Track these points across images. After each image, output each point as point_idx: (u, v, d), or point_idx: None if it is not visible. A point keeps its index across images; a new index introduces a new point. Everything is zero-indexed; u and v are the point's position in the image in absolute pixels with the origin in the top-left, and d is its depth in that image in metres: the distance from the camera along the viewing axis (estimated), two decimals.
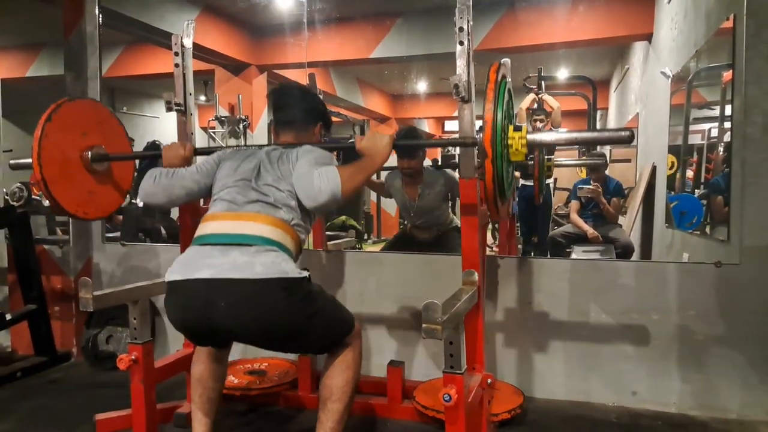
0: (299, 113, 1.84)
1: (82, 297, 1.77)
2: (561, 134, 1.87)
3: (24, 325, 2.86)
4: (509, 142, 1.60)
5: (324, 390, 1.64)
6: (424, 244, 3.10)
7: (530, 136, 1.61)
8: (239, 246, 1.52)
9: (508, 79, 1.76)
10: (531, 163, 3.10)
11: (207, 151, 1.94)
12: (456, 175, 3.04)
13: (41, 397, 2.49)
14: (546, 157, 3.09)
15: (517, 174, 3.73)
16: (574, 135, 1.75)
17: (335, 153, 1.90)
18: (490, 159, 1.56)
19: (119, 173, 2.21)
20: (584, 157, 4.71)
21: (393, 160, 3.09)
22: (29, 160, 1.92)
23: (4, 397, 2.49)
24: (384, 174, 3.20)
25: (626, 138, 1.58)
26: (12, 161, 2.18)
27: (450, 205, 3.16)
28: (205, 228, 1.63)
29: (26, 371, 2.74)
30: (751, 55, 2.13)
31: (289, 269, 1.52)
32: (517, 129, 1.62)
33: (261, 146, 1.80)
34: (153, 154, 2.01)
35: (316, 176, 1.56)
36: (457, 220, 3.19)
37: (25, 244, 2.86)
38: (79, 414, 2.23)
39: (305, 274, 1.56)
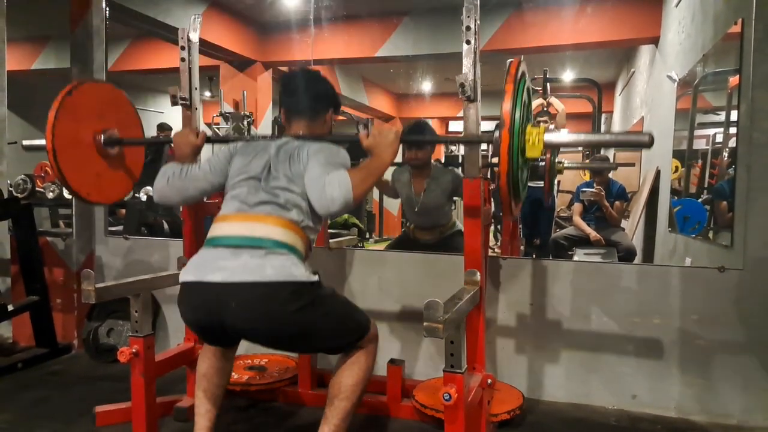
0: (310, 101, 1.82)
1: (85, 289, 1.78)
2: (579, 136, 1.82)
3: (26, 316, 2.86)
4: (527, 137, 1.57)
5: (333, 387, 1.64)
6: (425, 246, 3.09)
7: (548, 136, 1.58)
8: (250, 248, 1.54)
9: (527, 77, 1.74)
10: (542, 164, 3.09)
11: (219, 140, 1.90)
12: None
13: (42, 389, 2.49)
14: (557, 161, 3.09)
15: None
16: (593, 137, 1.70)
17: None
18: (506, 154, 1.53)
19: (130, 160, 2.20)
20: (587, 161, 4.70)
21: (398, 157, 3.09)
22: (42, 142, 1.91)
23: (5, 388, 2.50)
24: (390, 172, 3.20)
25: (647, 142, 1.52)
26: (25, 142, 2.18)
27: (453, 207, 3.15)
28: (217, 229, 1.64)
29: (27, 362, 2.75)
30: (759, 60, 2.13)
31: (299, 273, 1.53)
32: (535, 126, 1.61)
33: (272, 138, 1.79)
34: (164, 141, 2.00)
35: (328, 183, 1.54)
36: (459, 224, 3.18)
37: (29, 236, 2.87)
38: (79, 406, 2.24)
39: (315, 278, 1.56)
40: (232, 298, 1.50)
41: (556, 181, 4.37)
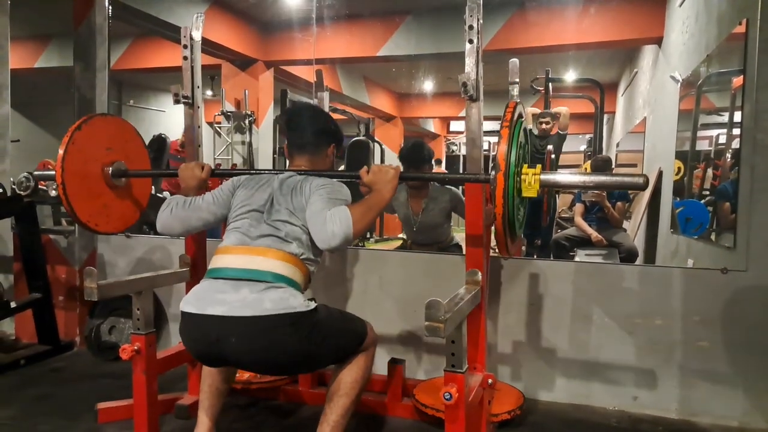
0: (312, 137, 1.86)
1: (87, 286, 1.78)
2: (574, 177, 1.89)
3: (28, 313, 2.87)
4: (523, 177, 1.61)
5: (332, 385, 1.68)
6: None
7: (543, 176, 1.61)
8: (250, 282, 1.57)
9: (524, 118, 1.76)
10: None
11: (224, 174, 1.97)
12: (460, 193, 3.00)
13: (44, 386, 2.50)
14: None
15: None
16: (589, 178, 1.76)
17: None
18: (501, 198, 1.55)
19: (137, 191, 2.26)
20: (588, 162, 4.70)
21: None
22: (53, 173, 1.98)
23: (8, 384, 2.50)
24: None
25: (641, 185, 1.58)
26: (37, 172, 2.26)
27: (450, 224, 3.14)
28: (218, 261, 1.67)
29: (29, 359, 2.76)
30: (763, 61, 2.12)
31: (297, 304, 1.55)
32: (531, 167, 1.63)
33: (276, 172, 1.82)
34: (171, 174, 2.04)
35: (329, 219, 1.56)
36: (457, 239, 3.15)
37: (31, 234, 2.88)
38: (81, 403, 2.24)
39: (312, 305, 1.59)
40: (232, 332, 1.53)
41: None
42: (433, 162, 3.03)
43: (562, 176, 1.70)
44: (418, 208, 2.93)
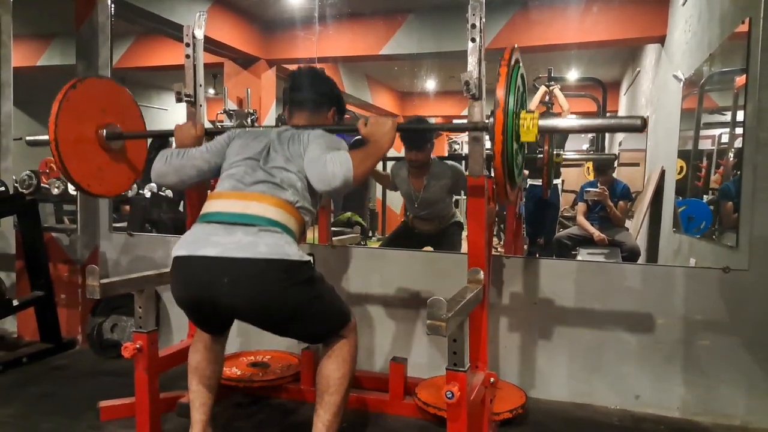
0: (313, 96, 1.86)
1: (89, 284, 1.79)
2: (572, 120, 1.88)
3: (30, 311, 2.88)
4: (521, 122, 1.60)
5: (321, 382, 1.66)
6: (424, 236, 3.08)
7: (542, 121, 1.61)
8: (244, 225, 1.55)
9: (521, 65, 1.76)
10: (540, 156, 3.09)
11: (218, 132, 1.94)
12: (463, 168, 3.02)
13: (46, 384, 2.50)
14: (555, 152, 3.08)
15: (526, 172, 3.71)
16: (586, 122, 1.76)
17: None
18: (500, 141, 1.55)
19: (132, 154, 2.22)
20: (590, 163, 4.69)
21: (395, 151, 3.08)
22: (46, 137, 1.94)
23: (10, 382, 2.51)
24: (390, 165, 3.20)
25: (639, 126, 1.58)
26: (29, 138, 2.21)
27: (453, 199, 3.15)
28: (211, 206, 1.65)
29: (32, 357, 2.77)
30: (766, 60, 2.11)
31: (292, 252, 1.54)
32: (529, 112, 1.63)
33: (272, 127, 1.81)
34: (165, 133, 2.03)
35: (329, 160, 1.57)
36: (459, 215, 3.17)
37: (34, 232, 2.88)
38: (83, 401, 2.25)
39: (307, 258, 1.58)
40: (225, 273, 1.50)
41: (560, 181, 4.37)
42: (434, 141, 3.02)
43: (560, 121, 1.70)
44: (419, 185, 2.95)
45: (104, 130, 2.07)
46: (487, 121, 1.64)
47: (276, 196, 1.61)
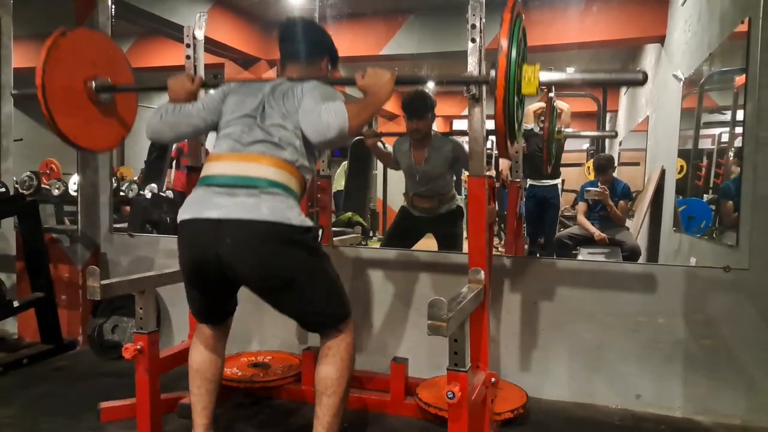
0: (306, 46, 1.81)
1: (90, 285, 1.79)
2: (574, 74, 1.88)
3: (31, 312, 2.88)
4: (523, 73, 1.60)
5: (319, 384, 1.65)
6: (424, 220, 3.04)
7: (543, 74, 1.61)
8: (245, 188, 1.55)
9: (523, 18, 1.76)
10: (540, 133, 3.09)
11: (214, 84, 1.89)
12: (465, 143, 3.00)
13: (46, 385, 2.50)
14: (556, 128, 3.08)
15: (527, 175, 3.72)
16: (587, 75, 1.78)
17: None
18: (503, 87, 1.55)
19: (122, 110, 2.18)
20: (591, 161, 4.68)
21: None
22: (34, 91, 1.90)
23: (10, 383, 2.51)
24: (391, 146, 3.19)
25: (640, 80, 1.57)
26: (14, 91, 2.18)
27: (454, 178, 3.13)
28: (210, 169, 1.64)
29: (32, 358, 2.77)
30: (766, 59, 2.11)
31: (293, 216, 1.54)
32: (531, 65, 1.62)
33: (266, 80, 1.78)
34: (158, 88, 1.97)
35: (324, 111, 1.55)
36: (460, 201, 3.14)
37: (34, 233, 2.88)
38: (84, 402, 2.24)
39: (309, 224, 1.58)
40: (228, 234, 1.51)
41: (560, 180, 4.37)
42: (435, 112, 3.00)
43: (561, 74, 1.71)
44: (420, 157, 2.94)
45: (93, 83, 2.03)
46: (489, 76, 1.63)
47: (275, 156, 1.59)
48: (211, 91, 1.83)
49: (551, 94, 3.32)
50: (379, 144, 3.19)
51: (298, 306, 1.66)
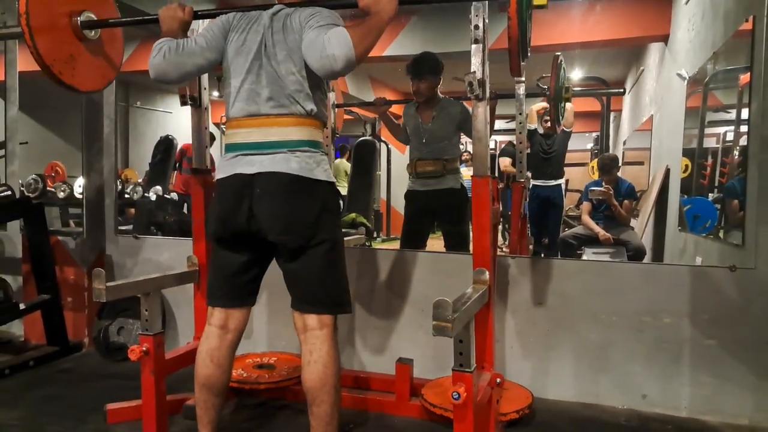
0: None
1: (96, 288, 1.79)
2: None
3: (37, 314, 2.89)
4: None
5: (306, 394, 1.63)
6: (428, 195, 2.97)
7: None
8: (274, 150, 1.62)
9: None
10: (547, 93, 3.07)
11: (208, 15, 1.85)
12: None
13: (53, 386, 2.52)
14: (564, 86, 3.06)
15: (529, 174, 3.70)
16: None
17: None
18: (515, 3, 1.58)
19: (109, 50, 2.14)
20: (596, 161, 4.67)
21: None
22: (19, 29, 1.84)
23: (17, 385, 2.52)
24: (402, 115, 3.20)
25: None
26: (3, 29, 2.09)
27: (458, 141, 3.11)
28: (234, 137, 1.69)
29: (38, 360, 2.78)
30: None
31: (319, 172, 1.63)
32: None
33: (264, 7, 1.72)
34: (149, 20, 1.90)
35: (327, 42, 1.49)
36: (462, 178, 3.08)
37: (40, 235, 2.90)
38: (90, 403, 2.25)
39: (332, 178, 1.69)
40: (258, 185, 1.60)
41: (564, 180, 4.36)
42: (441, 75, 2.98)
43: None
44: (428, 117, 2.95)
45: (79, 18, 1.98)
46: None
47: (293, 114, 1.64)
48: (211, 24, 1.78)
49: (558, 54, 3.27)
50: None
51: (301, 270, 1.67)
